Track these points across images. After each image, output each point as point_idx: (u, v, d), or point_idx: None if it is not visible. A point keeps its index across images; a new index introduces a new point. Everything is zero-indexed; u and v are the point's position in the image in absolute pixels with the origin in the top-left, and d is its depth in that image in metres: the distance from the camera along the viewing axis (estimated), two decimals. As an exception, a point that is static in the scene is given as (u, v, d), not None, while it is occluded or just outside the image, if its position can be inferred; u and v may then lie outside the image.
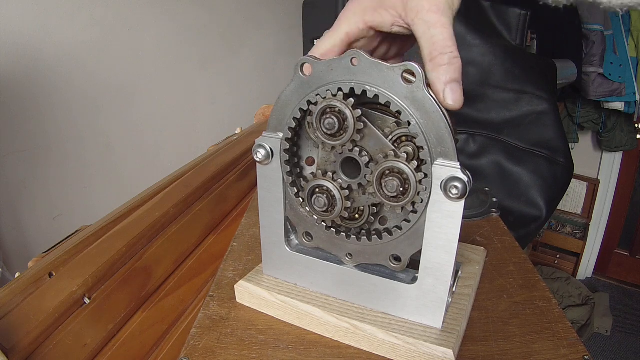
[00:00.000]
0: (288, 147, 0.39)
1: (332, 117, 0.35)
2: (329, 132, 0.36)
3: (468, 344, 0.38)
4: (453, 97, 0.33)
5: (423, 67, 0.33)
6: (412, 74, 0.32)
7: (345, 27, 0.37)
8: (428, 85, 0.33)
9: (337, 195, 0.38)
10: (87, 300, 0.49)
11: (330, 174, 0.38)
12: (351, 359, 0.38)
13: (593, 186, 2.28)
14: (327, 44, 0.38)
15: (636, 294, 2.26)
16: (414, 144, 0.35)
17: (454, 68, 0.33)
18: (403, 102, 0.33)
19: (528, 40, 1.35)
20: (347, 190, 0.38)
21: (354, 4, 0.38)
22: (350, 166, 0.38)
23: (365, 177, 0.37)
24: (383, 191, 0.36)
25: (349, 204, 0.38)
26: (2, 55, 0.92)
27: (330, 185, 0.38)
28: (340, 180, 0.38)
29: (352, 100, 0.34)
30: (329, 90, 0.35)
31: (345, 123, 0.35)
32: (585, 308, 1.98)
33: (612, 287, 2.33)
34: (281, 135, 0.39)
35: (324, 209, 0.39)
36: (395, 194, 0.35)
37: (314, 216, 0.40)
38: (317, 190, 0.39)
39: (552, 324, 0.41)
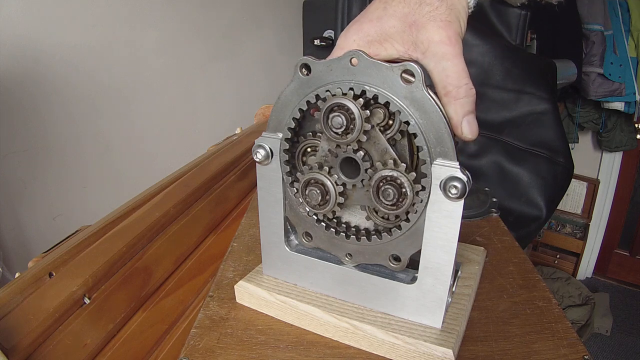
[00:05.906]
0: (287, 147, 0.39)
1: (341, 115, 0.35)
2: (335, 130, 0.36)
3: (468, 344, 0.38)
4: (470, 130, 0.33)
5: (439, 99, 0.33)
6: (412, 74, 0.32)
7: None
8: (427, 85, 0.33)
9: (332, 190, 0.38)
10: (87, 300, 0.49)
11: (327, 168, 0.38)
12: (351, 359, 0.38)
13: (593, 186, 2.28)
14: None
15: (636, 294, 2.26)
16: (386, 108, 0.35)
17: (470, 101, 0.33)
18: (402, 102, 0.33)
19: (528, 40, 1.35)
20: (341, 187, 0.38)
21: (357, 33, 0.36)
22: (350, 165, 0.38)
23: (362, 181, 0.37)
24: (380, 199, 0.36)
25: (342, 199, 0.38)
26: (2, 56, 0.92)
27: (325, 180, 0.38)
28: (335, 176, 0.38)
29: (361, 100, 0.34)
30: (328, 90, 0.35)
31: (353, 123, 0.35)
32: (585, 308, 1.98)
33: (612, 287, 2.32)
34: (280, 135, 0.39)
35: (319, 202, 0.39)
36: (392, 202, 0.35)
37: (308, 210, 0.40)
38: (312, 182, 0.39)
39: (552, 324, 0.41)
